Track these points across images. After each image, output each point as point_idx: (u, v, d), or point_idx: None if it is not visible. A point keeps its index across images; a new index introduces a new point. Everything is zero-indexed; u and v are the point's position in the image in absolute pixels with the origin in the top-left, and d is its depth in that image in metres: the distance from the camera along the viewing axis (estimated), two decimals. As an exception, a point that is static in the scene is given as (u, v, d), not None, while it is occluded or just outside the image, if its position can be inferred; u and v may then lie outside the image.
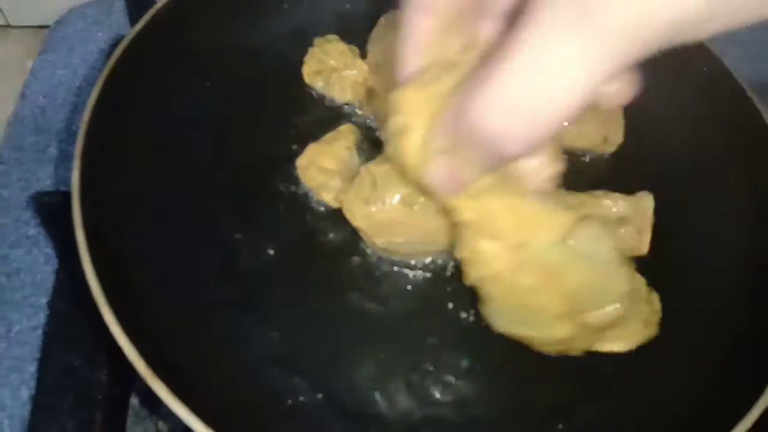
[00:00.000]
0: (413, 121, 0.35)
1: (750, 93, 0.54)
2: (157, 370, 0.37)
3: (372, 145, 0.55)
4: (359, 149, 0.53)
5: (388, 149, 0.38)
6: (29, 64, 0.70)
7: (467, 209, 0.37)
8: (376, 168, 0.46)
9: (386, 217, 0.46)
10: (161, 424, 0.51)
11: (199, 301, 0.46)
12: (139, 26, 0.53)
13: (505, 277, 0.38)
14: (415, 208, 0.45)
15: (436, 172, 0.35)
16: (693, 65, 0.57)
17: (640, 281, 0.45)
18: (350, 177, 0.49)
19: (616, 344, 0.44)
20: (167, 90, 0.54)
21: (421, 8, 0.34)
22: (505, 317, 0.41)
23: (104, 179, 0.47)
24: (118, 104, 0.49)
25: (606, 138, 0.56)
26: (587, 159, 0.57)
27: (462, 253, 0.40)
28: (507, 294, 0.39)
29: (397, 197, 0.45)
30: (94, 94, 0.48)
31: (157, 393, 0.37)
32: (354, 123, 0.56)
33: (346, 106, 0.58)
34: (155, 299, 0.44)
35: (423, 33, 0.35)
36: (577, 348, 0.42)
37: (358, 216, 0.47)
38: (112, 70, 0.50)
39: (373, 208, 0.46)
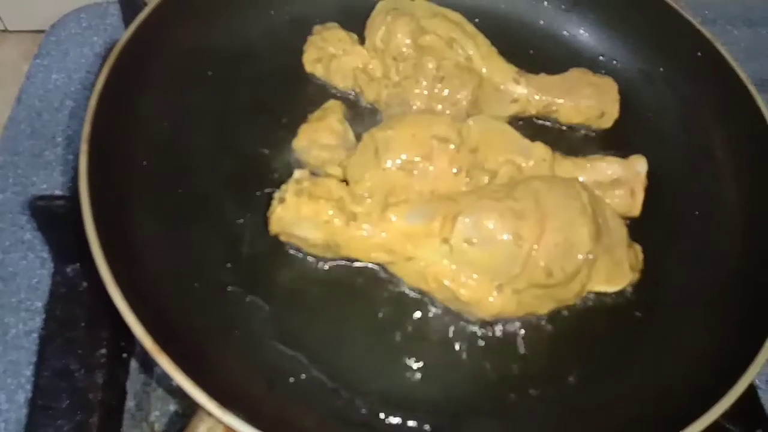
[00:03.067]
0: None
1: (747, 83, 0.55)
2: (162, 346, 0.37)
3: (358, 114, 0.56)
4: (349, 121, 0.53)
5: None
6: (26, 68, 0.69)
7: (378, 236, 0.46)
8: (379, 134, 0.46)
9: (387, 180, 0.46)
10: (157, 426, 0.49)
11: (204, 283, 0.46)
12: (137, 23, 0.52)
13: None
14: (415, 172, 0.46)
15: None
16: (688, 50, 0.59)
17: (622, 229, 0.49)
18: (351, 146, 0.48)
19: (605, 286, 0.48)
20: (168, 82, 0.53)
21: None
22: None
23: (110, 171, 0.46)
24: (120, 99, 0.49)
25: (603, 113, 0.57)
26: (585, 133, 0.58)
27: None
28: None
29: (398, 161, 0.46)
30: (98, 87, 0.47)
31: (162, 367, 0.37)
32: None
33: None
34: (162, 282, 0.44)
35: None
36: (572, 296, 0.46)
37: (361, 181, 0.46)
38: (112, 67, 0.49)
39: (376, 173, 0.46)
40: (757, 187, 0.51)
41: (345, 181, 0.49)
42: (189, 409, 0.45)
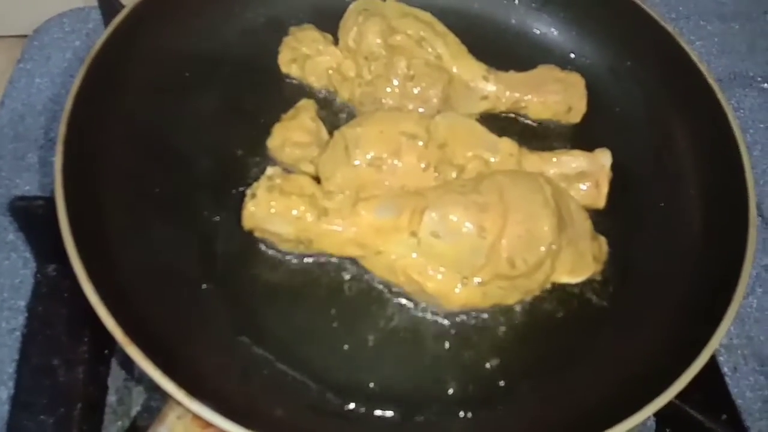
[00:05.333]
0: None
1: (708, 78, 0.56)
2: (133, 338, 0.38)
3: (333, 113, 0.57)
4: (325, 120, 0.54)
5: None
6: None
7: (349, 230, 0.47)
8: (348, 131, 0.47)
9: (358, 176, 0.47)
10: (138, 421, 0.50)
11: (178, 280, 0.48)
12: (113, 26, 0.54)
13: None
14: (384, 168, 0.47)
15: None
16: (653, 46, 0.60)
17: (586, 222, 0.50)
18: (324, 144, 0.50)
19: (569, 277, 0.49)
20: (145, 84, 0.55)
21: None
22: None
23: (86, 172, 0.48)
24: (96, 100, 0.50)
25: (570, 108, 0.58)
26: (554, 128, 0.59)
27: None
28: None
29: (367, 158, 0.48)
30: (73, 89, 0.49)
31: (132, 357, 0.38)
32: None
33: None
34: (137, 278, 0.45)
35: None
36: (536, 287, 0.48)
37: (332, 178, 0.48)
38: (88, 69, 0.50)
39: (346, 169, 0.47)
40: (716, 180, 0.53)
41: (318, 178, 0.51)
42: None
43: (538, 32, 0.64)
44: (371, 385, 0.45)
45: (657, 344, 0.46)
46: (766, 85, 0.76)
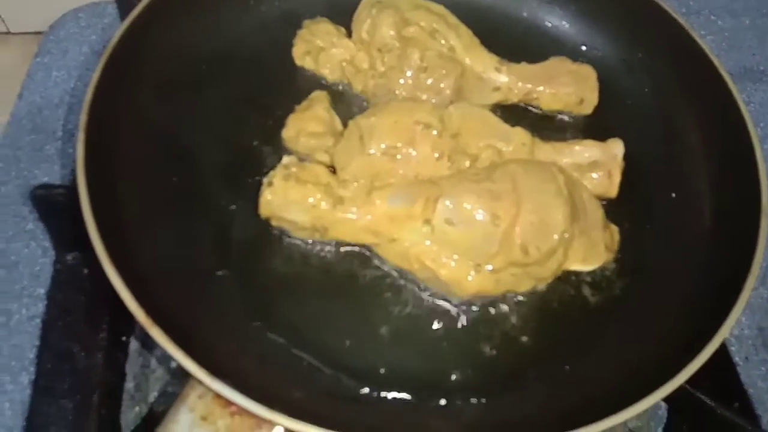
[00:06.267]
0: None
1: (720, 70, 0.56)
2: (155, 320, 0.39)
3: (347, 105, 0.58)
4: (339, 111, 0.55)
5: None
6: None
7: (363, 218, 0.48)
8: (363, 121, 0.48)
9: (372, 165, 0.48)
10: (155, 406, 0.51)
11: (196, 267, 0.49)
12: (130, 19, 0.54)
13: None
14: (398, 157, 0.48)
15: None
16: (665, 38, 0.61)
17: (599, 211, 0.51)
18: (338, 134, 0.50)
19: (582, 265, 0.50)
20: (162, 76, 0.56)
21: None
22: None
23: (106, 159, 0.49)
24: (115, 91, 0.51)
25: (582, 100, 0.58)
26: (566, 119, 0.60)
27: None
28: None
29: (382, 147, 0.48)
30: (94, 79, 0.50)
31: (154, 338, 0.39)
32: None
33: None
34: (155, 265, 0.46)
35: None
36: (549, 274, 0.48)
37: (347, 167, 0.48)
38: (107, 60, 0.51)
39: (361, 159, 0.47)
40: (727, 170, 0.53)
41: (332, 167, 0.51)
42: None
43: (549, 25, 0.65)
44: (383, 370, 0.46)
45: (667, 332, 0.46)
46: (776, 79, 0.76)
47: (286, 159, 0.49)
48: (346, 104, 0.59)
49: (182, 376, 0.40)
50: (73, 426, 0.48)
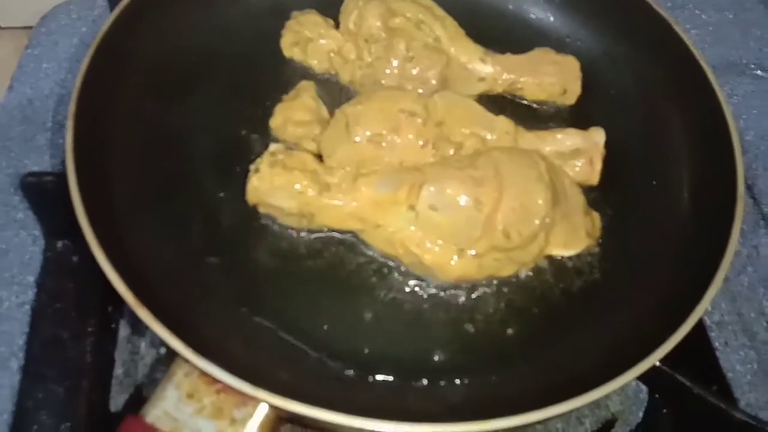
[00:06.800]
0: None
1: (701, 61, 0.58)
2: (143, 302, 0.40)
3: (335, 95, 0.59)
4: (327, 101, 0.56)
5: None
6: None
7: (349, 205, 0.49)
8: (349, 109, 0.48)
9: (358, 153, 0.49)
10: (145, 391, 0.52)
11: (184, 253, 0.49)
12: (119, 9, 0.55)
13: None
14: (383, 144, 0.49)
15: None
16: (648, 31, 0.62)
17: (579, 197, 0.52)
18: (325, 122, 0.51)
19: (563, 250, 0.51)
20: (151, 65, 0.56)
21: None
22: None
23: (95, 147, 0.49)
24: (104, 79, 0.52)
25: (565, 90, 0.59)
26: (550, 109, 0.61)
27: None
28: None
29: (367, 134, 0.49)
30: (82, 68, 0.51)
31: (142, 319, 0.40)
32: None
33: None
34: (144, 251, 0.47)
35: None
36: (531, 259, 0.49)
37: (334, 154, 0.49)
38: (96, 49, 0.52)
39: (347, 146, 0.48)
40: (706, 158, 0.54)
41: (319, 155, 0.52)
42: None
43: (534, 17, 0.66)
44: (368, 352, 0.47)
45: (645, 315, 0.47)
46: (759, 72, 0.77)
47: (273, 146, 0.50)
48: (335, 94, 0.60)
49: (170, 356, 0.41)
50: (63, 411, 0.48)
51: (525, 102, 0.61)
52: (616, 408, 0.54)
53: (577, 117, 0.59)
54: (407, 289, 0.50)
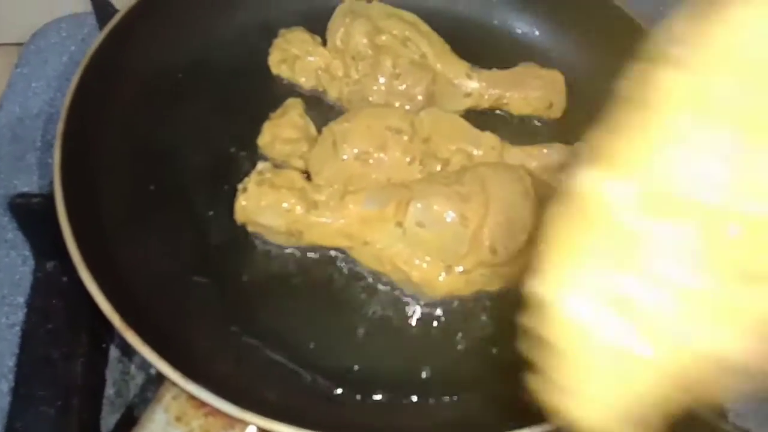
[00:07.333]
0: None
1: None
2: (130, 324, 0.40)
3: (323, 112, 0.59)
4: (315, 118, 0.56)
5: None
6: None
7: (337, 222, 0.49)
8: (337, 127, 0.49)
9: (345, 170, 0.49)
10: (136, 411, 0.52)
11: (173, 273, 0.49)
12: (108, 28, 0.56)
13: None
14: (371, 162, 0.49)
15: None
16: (633, 46, 0.59)
17: None
18: (313, 139, 0.51)
19: None
20: (139, 84, 0.57)
21: None
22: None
23: (83, 166, 0.50)
24: (93, 99, 0.52)
25: (551, 104, 0.60)
26: (536, 123, 0.62)
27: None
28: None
29: (355, 152, 0.49)
30: (72, 87, 0.51)
31: (129, 341, 0.40)
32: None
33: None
34: (133, 270, 0.47)
35: None
36: (519, 274, 0.45)
37: (321, 172, 0.49)
38: (85, 69, 0.52)
39: (334, 164, 0.49)
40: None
41: (307, 173, 0.52)
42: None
43: (519, 32, 0.67)
44: (357, 369, 0.47)
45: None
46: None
47: (260, 165, 0.50)
48: (322, 111, 0.60)
49: (159, 378, 0.41)
50: (54, 432, 0.48)
51: (511, 117, 0.61)
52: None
53: (562, 131, 0.60)
54: (396, 306, 0.50)
